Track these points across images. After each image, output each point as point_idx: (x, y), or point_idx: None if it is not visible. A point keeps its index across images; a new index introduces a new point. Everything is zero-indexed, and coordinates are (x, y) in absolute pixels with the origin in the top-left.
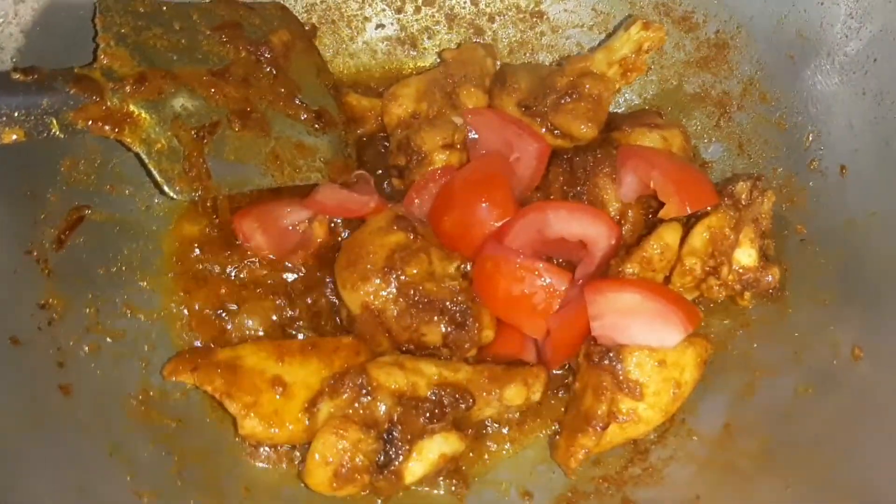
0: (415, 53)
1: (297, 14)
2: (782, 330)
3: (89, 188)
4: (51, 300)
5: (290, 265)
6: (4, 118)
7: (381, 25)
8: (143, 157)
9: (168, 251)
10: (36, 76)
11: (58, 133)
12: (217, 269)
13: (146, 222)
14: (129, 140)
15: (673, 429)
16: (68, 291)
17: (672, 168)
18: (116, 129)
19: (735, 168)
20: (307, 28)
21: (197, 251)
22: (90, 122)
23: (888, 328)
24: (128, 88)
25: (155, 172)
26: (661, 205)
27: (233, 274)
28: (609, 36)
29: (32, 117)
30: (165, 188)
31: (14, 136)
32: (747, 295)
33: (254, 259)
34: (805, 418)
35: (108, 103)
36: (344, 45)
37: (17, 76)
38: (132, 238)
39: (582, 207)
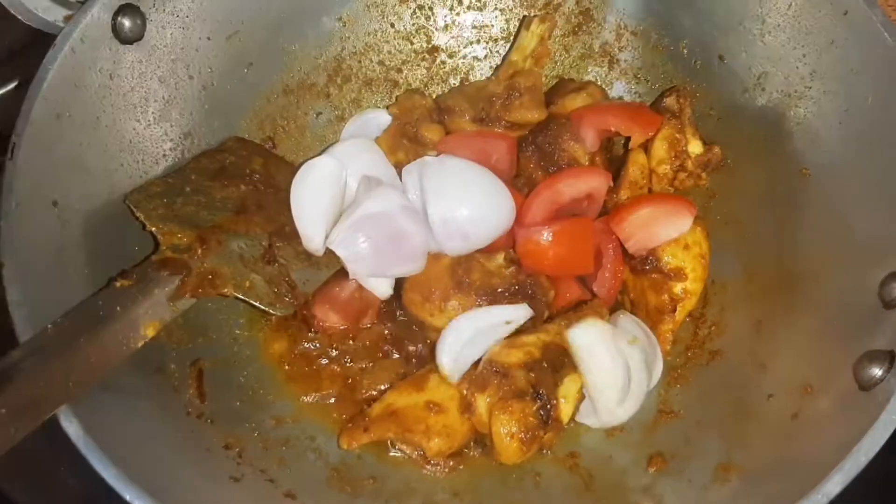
0: None
1: (252, 137)
2: (739, 184)
3: (189, 346)
4: (229, 440)
5: (367, 325)
6: (142, 318)
7: (318, 113)
8: (243, 297)
9: (271, 367)
10: (135, 276)
11: (175, 312)
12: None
13: (241, 352)
14: (226, 291)
15: (709, 292)
16: (232, 428)
17: (619, 111)
18: (213, 288)
19: (641, 94)
20: (267, 145)
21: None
22: (193, 292)
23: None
24: (199, 251)
25: (259, 305)
26: (617, 144)
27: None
28: (514, 36)
29: (159, 308)
30: (271, 311)
31: (150, 331)
32: (704, 175)
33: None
34: (789, 240)
35: (196, 270)
36: (298, 143)
37: (120, 283)
38: (240, 368)
39: (581, 170)
